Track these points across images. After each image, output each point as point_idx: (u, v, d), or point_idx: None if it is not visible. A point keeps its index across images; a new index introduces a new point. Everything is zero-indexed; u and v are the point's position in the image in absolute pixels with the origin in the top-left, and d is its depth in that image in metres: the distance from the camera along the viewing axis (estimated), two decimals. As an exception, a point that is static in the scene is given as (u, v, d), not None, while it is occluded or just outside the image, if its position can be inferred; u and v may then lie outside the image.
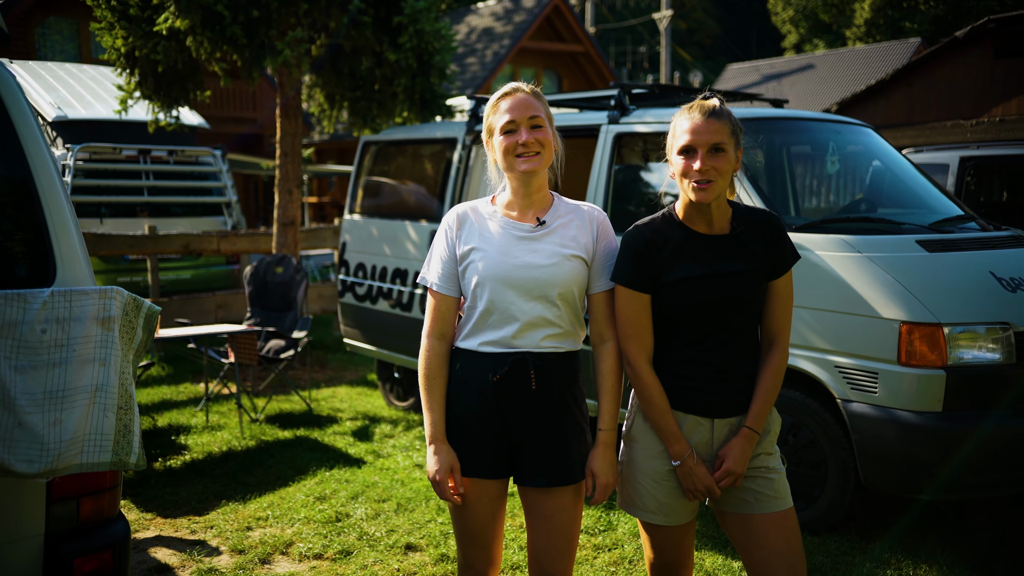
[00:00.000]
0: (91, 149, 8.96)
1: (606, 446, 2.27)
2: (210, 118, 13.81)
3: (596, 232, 2.28)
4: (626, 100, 4.88)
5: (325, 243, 9.39)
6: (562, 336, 2.26)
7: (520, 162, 2.21)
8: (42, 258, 2.34)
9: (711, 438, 2.28)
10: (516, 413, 2.24)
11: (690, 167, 2.16)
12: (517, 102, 2.24)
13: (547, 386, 2.24)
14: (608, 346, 2.29)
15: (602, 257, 2.28)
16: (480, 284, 2.22)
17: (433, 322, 2.31)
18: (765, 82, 28.38)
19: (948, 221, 4.37)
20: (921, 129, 11.92)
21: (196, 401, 6.58)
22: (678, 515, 2.33)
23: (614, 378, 2.28)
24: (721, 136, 2.16)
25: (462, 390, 2.27)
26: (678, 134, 2.22)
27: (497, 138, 2.25)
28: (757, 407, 2.24)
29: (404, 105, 7.29)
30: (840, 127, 4.98)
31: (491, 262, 2.21)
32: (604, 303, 2.29)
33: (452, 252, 2.29)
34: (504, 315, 2.22)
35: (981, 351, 3.52)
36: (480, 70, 20.13)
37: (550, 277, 2.20)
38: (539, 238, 2.24)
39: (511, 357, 2.21)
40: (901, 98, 12.73)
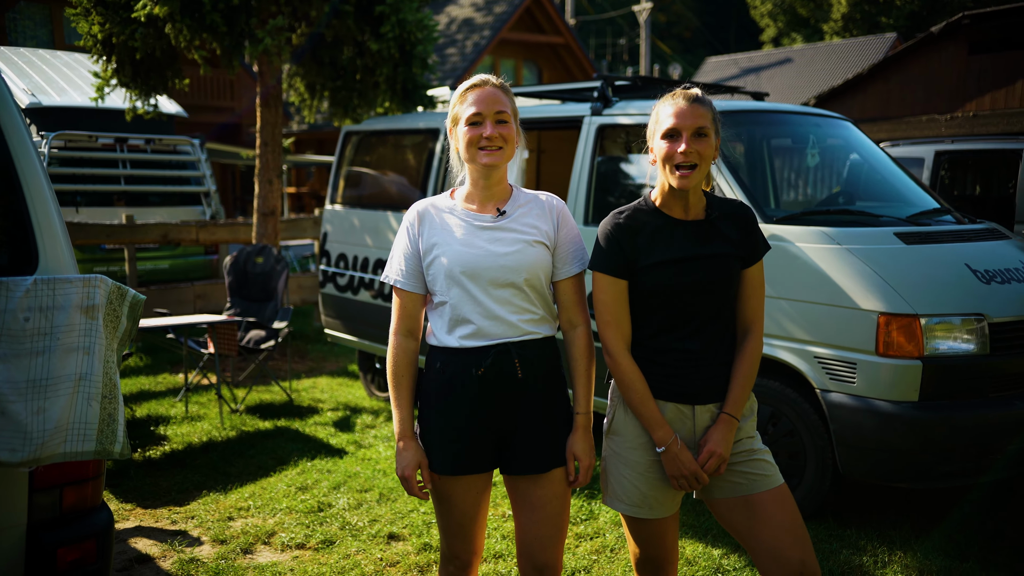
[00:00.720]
0: (66, 137, 8.83)
1: (584, 429, 2.30)
2: (188, 107, 13.68)
3: (556, 220, 2.31)
4: (609, 92, 4.90)
5: (305, 233, 9.34)
6: (538, 321, 2.28)
7: (483, 155, 2.23)
8: (24, 246, 2.31)
9: (693, 425, 2.30)
10: (503, 404, 2.25)
11: (674, 150, 2.19)
12: (485, 95, 2.25)
13: (532, 374, 2.26)
14: (578, 331, 2.32)
15: (564, 244, 2.31)
16: (447, 277, 2.23)
17: (400, 319, 2.33)
18: (744, 75, 28.53)
19: (925, 214, 4.43)
20: (897, 123, 12.06)
21: (175, 391, 6.54)
22: (663, 507, 2.35)
23: (586, 361, 2.31)
24: (705, 121, 2.21)
25: (446, 387, 2.27)
26: (662, 119, 2.25)
27: (462, 128, 2.27)
28: (735, 393, 2.27)
29: (386, 95, 7.26)
30: (820, 120, 5.03)
31: (455, 254, 2.23)
32: (571, 289, 2.32)
33: (415, 249, 2.30)
34: (476, 307, 2.23)
35: (956, 342, 3.58)
36: (460, 61, 20.06)
37: (515, 264, 2.22)
38: (501, 227, 2.26)
39: (493, 349, 2.22)
40: (877, 92, 12.86)
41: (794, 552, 2.19)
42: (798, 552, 2.20)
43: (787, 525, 2.23)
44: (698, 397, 2.29)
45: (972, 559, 3.59)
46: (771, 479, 2.28)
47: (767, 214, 4.08)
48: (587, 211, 4.72)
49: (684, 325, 2.27)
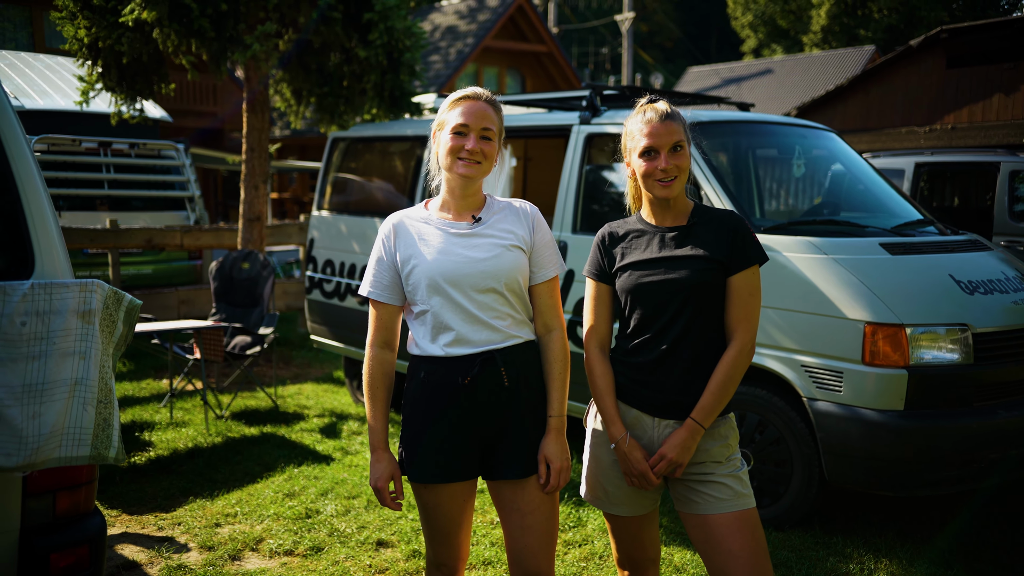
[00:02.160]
0: (49, 140, 8.76)
1: (557, 432, 2.32)
2: (171, 111, 13.60)
3: (532, 224, 2.35)
4: (597, 101, 4.94)
5: (290, 239, 9.32)
6: (520, 324, 2.31)
7: (460, 165, 2.26)
8: (20, 250, 2.31)
9: (653, 435, 2.33)
10: (489, 412, 2.27)
11: (654, 167, 2.28)
12: (475, 109, 2.28)
13: (517, 380, 2.28)
14: (554, 335, 2.36)
15: (540, 248, 2.34)
16: (428, 286, 2.25)
17: (376, 331, 2.35)
18: (725, 86, 28.77)
19: (909, 225, 4.51)
20: (877, 135, 12.23)
21: (160, 397, 6.49)
22: (632, 505, 2.39)
23: (561, 365, 2.34)
24: (679, 135, 2.30)
25: (431, 396, 2.27)
26: (636, 137, 2.33)
27: (445, 135, 2.29)
28: (705, 399, 2.25)
29: (373, 102, 7.27)
30: (806, 131, 5.10)
31: (433, 263, 2.25)
32: (546, 293, 2.36)
33: (392, 260, 2.32)
34: (458, 313, 2.24)
35: (941, 351, 3.64)
36: (444, 68, 20.09)
37: (493, 269, 2.24)
38: (477, 234, 2.29)
39: (479, 357, 2.24)
40: (858, 104, 13.03)
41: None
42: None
43: (737, 552, 2.21)
44: (658, 410, 2.32)
45: (957, 567, 3.64)
46: (727, 503, 2.25)
47: (753, 224, 4.13)
48: (575, 219, 4.75)
49: (652, 325, 2.31)
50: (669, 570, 3.62)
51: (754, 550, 2.22)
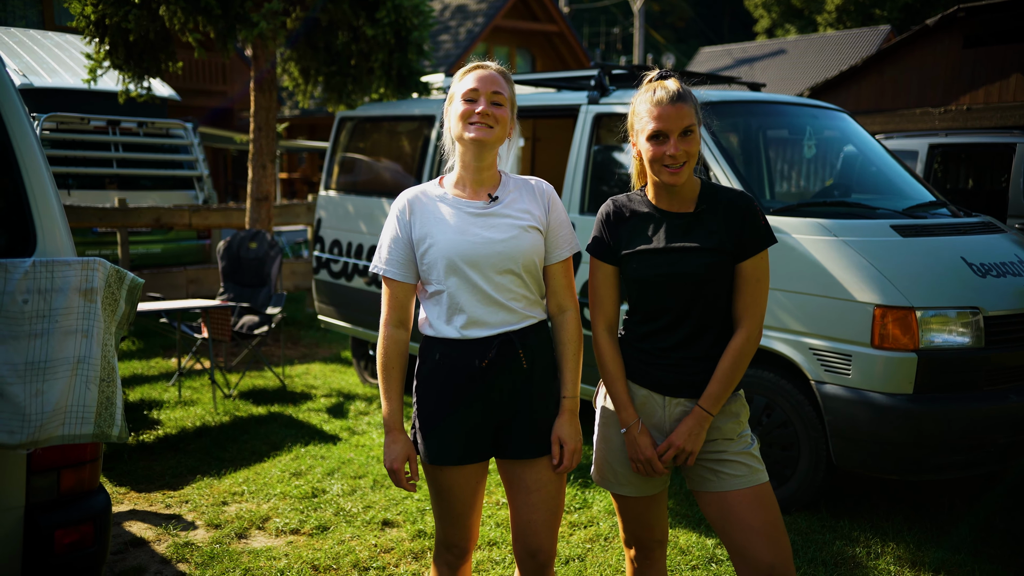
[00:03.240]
0: (58, 119, 8.75)
1: (571, 413, 2.30)
2: (181, 91, 13.57)
3: (547, 204, 2.31)
4: (606, 81, 4.89)
5: (298, 219, 9.31)
6: (534, 305, 2.29)
7: (472, 128, 2.20)
8: (22, 228, 2.30)
9: (663, 415, 2.31)
10: (506, 394, 2.25)
11: (662, 152, 2.17)
12: (485, 75, 2.24)
13: (533, 361, 2.26)
14: (568, 315, 2.33)
15: (555, 228, 2.31)
16: (443, 266, 2.21)
17: (390, 310, 2.30)
18: (737, 66, 28.52)
19: (921, 207, 4.45)
20: (891, 116, 12.09)
21: (168, 376, 6.51)
22: (647, 486, 2.37)
23: (575, 346, 2.32)
24: (690, 119, 2.18)
25: (448, 379, 2.25)
26: (644, 119, 2.21)
27: (456, 104, 2.25)
28: (712, 387, 2.23)
29: (381, 81, 7.22)
30: (817, 112, 5.03)
31: (450, 243, 2.21)
32: (560, 273, 2.33)
33: (407, 237, 2.27)
34: (474, 294, 2.21)
35: (952, 335, 3.60)
36: (453, 48, 19.98)
37: (511, 250, 2.21)
38: (494, 213, 2.25)
39: (496, 340, 2.22)
40: (872, 85, 12.88)
41: (764, 555, 2.18)
42: (769, 556, 2.18)
43: (758, 527, 2.20)
44: (670, 388, 2.29)
45: (964, 551, 3.63)
46: (743, 479, 2.24)
47: (763, 205, 4.09)
48: (583, 200, 4.72)
49: (662, 315, 2.28)
50: (674, 552, 3.61)
51: (774, 524, 2.22)
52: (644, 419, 2.32)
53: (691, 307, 2.26)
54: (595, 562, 3.53)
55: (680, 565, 3.51)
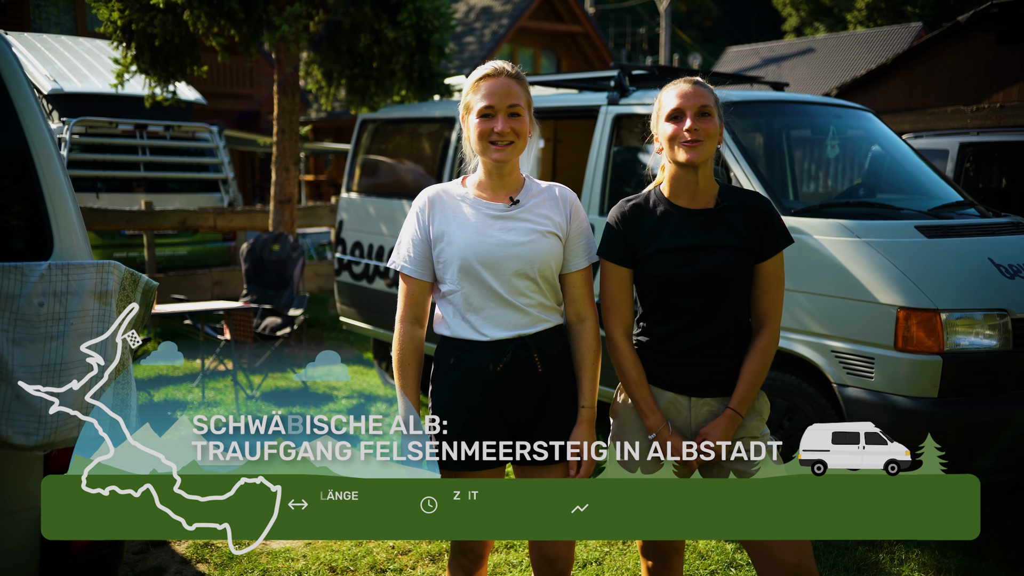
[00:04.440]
0: (87, 123, 8.89)
1: (588, 423, 2.29)
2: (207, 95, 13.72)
3: (569, 211, 2.29)
4: (626, 81, 4.85)
5: (322, 221, 9.37)
6: (549, 310, 2.28)
7: (493, 150, 2.21)
8: (39, 231, 2.33)
9: (689, 416, 2.29)
10: (521, 398, 2.24)
11: (679, 130, 2.22)
12: (498, 87, 2.22)
13: (549, 366, 2.25)
14: (587, 324, 2.31)
15: (576, 236, 2.29)
16: (460, 267, 2.20)
17: (406, 307, 2.29)
18: (765, 65, 28.26)
19: (947, 207, 4.37)
20: (921, 114, 11.89)
21: (192, 377, 6.58)
22: None
23: (593, 355, 2.30)
24: (707, 100, 2.25)
25: (462, 382, 2.24)
26: (665, 103, 2.28)
27: (473, 120, 2.24)
28: (742, 389, 2.25)
29: (402, 83, 7.25)
30: (840, 111, 4.96)
31: (468, 243, 2.20)
32: (580, 282, 2.31)
33: (425, 235, 2.27)
34: (489, 296, 2.21)
35: (978, 337, 3.53)
36: (478, 49, 20.00)
37: (529, 254, 2.20)
38: (514, 216, 2.24)
39: (512, 343, 2.21)
40: (901, 83, 12.69)
41: (789, 555, 2.15)
42: (793, 556, 2.15)
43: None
44: (696, 389, 2.27)
45: (992, 559, 3.55)
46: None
47: (785, 206, 4.03)
48: (603, 201, 4.69)
49: (684, 315, 2.26)
50: (693, 556, 3.58)
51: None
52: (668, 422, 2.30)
53: (716, 305, 2.25)
54: (613, 566, 3.50)
55: (699, 570, 3.48)
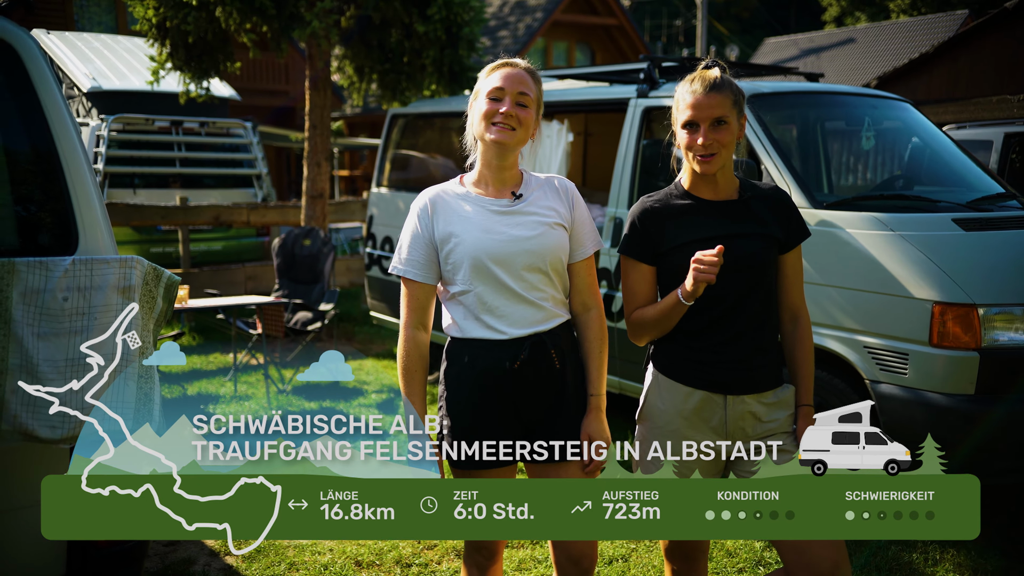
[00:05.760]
0: (124, 120, 9.04)
1: (597, 411, 2.26)
2: (242, 91, 13.87)
3: (571, 201, 2.28)
4: (656, 73, 4.79)
5: (354, 216, 9.43)
6: (559, 304, 2.26)
7: (494, 130, 2.17)
8: (64, 227, 2.36)
9: (725, 415, 2.24)
10: (538, 395, 2.22)
11: (694, 141, 2.19)
12: (512, 74, 2.21)
13: (565, 362, 2.23)
14: (592, 313, 2.30)
15: (579, 225, 2.27)
16: (469, 266, 2.18)
17: (411, 311, 2.26)
18: (804, 56, 27.80)
19: (987, 199, 4.24)
20: (965, 105, 11.60)
21: (225, 371, 6.66)
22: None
23: (600, 343, 2.28)
24: (723, 109, 2.17)
25: (477, 382, 2.22)
26: (680, 108, 2.23)
27: (480, 102, 2.21)
28: (804, 384, 2.28)
29: (432, 78, 7.26)
30: (876, 102, 4.85)
31: (476, 241, 2.17)
32: (584, 271, 2.29)
33: (429, 236, 2.23)
34: (502, 294, 2.18)
35: (1017, 333, 3.43)
36: (512, 43, 19.96)
37: (539, 248, 2.18)
38: (519, 211, 2.21)
39: (527, 341, 2.19)
40: (945, 72, 12.39)
41: (829, 552, 2.10)
42: (833, 553, 2.10)
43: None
44: (730, 387, 2.23)
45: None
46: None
47: (817, 199, 3.95)
48: (631, 195, 4.64)
49: (717, 307, 2.22)
50: (720, 554, 3.53)
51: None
52: (700, 423, 2.25)
53: (748, 295, 2.22)
54: (639, 563, 3.47)
55: (727, 568, 3.43)
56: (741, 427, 2.24)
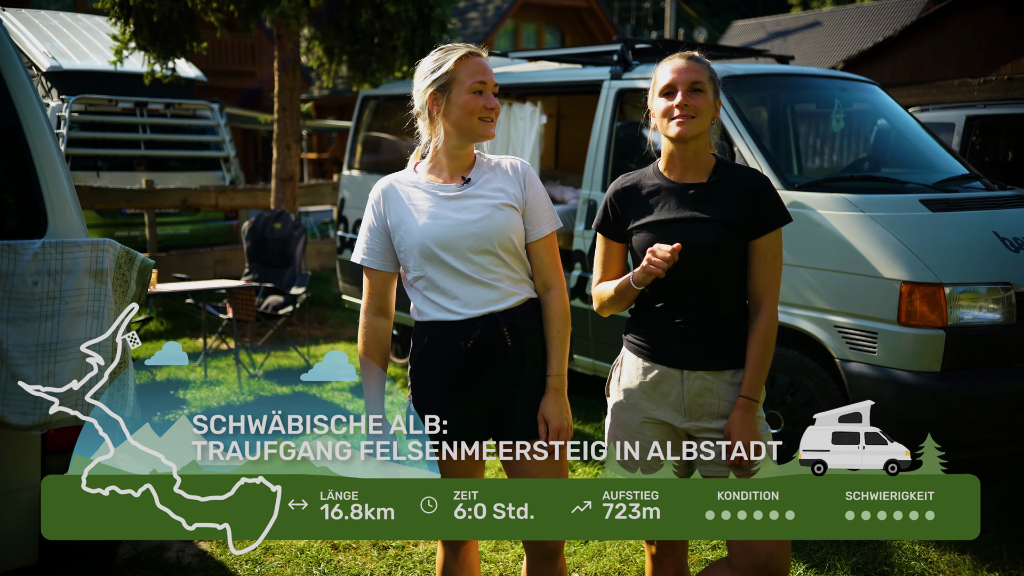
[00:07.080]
0: (87, 101, 8.84)
1: (556, 391, 2.28)
2: (209, 72, 13.63)
3: (523, 181, 2.29)
4: (629, 55, 4.80)
5: (324, 199, 9.34)
6: (519, 282, 2.28)
7: (489, 127, 2.23)
8: (32, 209, 2.31)
9: (682, 390, 2.27)
10: (495, 373, 2.25)
11: (671, 106, 2.22)
12: (485, 65, 2.24)
13: (520, 339, 2.26)
14: (553, 292, 2.32)
15: (533, 205, 2.29)
16: (419, 253, 2.22)
17: (370, 298, 2.33)
18: (771, 39, 27.97)
19: (953, 180, 4.32)
20: (928, 87, 11.76)
21: (195, 356, 6.58)
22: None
23: (560, 323, 2.30)
24: (700, 76, 2.23)
25: (436, 361, 2.26)
26: (659, 79, 2.28)
27: (462, 95, 2.20)
28: (750, 376, 2.23)
29: (404, 59, 7.19)
30: (846, 84, 4.90)
31: (423, 228, 2.22)
32: (543, 251, 2.31)
33: (382, 226, 2.29)
34: (453, 278, 2.22)
35: (982, 311, 3.50)
36: (482, 25, 19.82)
37: (484, 230, 2.21)
38: (467, 195, 2.25)
39: (480, 320, 2.22)
40: (908, 56, 12.55)
41: (764, 545, 2.14)
42: (768, 545, 2.14)
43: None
44: (687, 362, 2.26)
45: (992, 530, 3.54)
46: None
47: (788, 180, 3.99)
48: (605, 177, 4.65)
49: (673, 287, 2.25)
50: (706, 546, 3.57)
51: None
52: (659, 399, 2.29)
53: (707, 280, 2.24)
54: (614, 542, 3.51)
55: (700, 544, 3.48)
56: (699, 403, 2.26)
